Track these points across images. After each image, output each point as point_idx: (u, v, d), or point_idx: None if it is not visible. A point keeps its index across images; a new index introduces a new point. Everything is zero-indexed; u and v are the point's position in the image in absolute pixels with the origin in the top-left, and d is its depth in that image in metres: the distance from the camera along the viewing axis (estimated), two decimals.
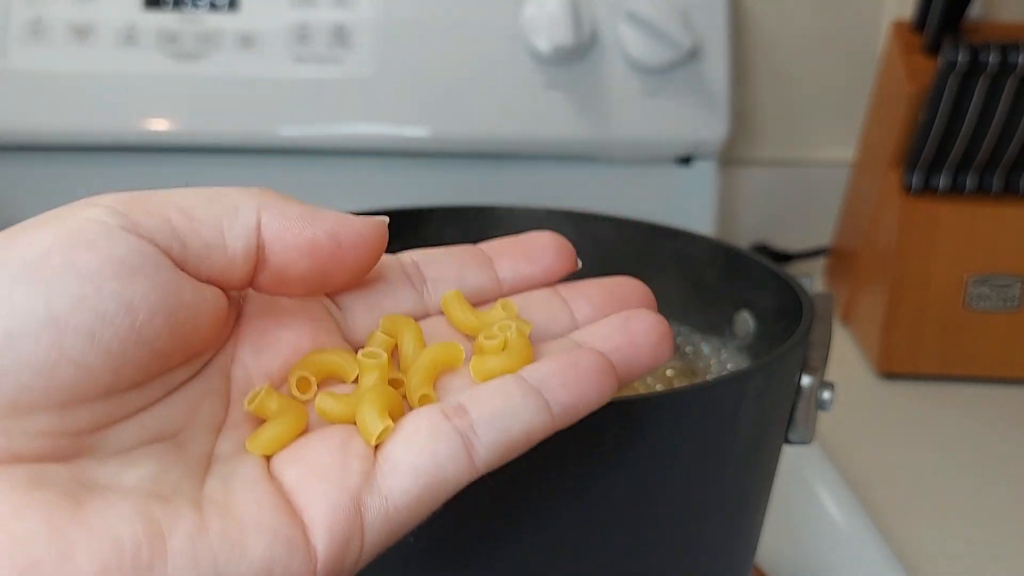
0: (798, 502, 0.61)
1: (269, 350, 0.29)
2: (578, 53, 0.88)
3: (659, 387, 0.47)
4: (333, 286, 0.30)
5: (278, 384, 0.29)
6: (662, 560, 0.37)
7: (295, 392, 0.28)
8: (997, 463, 0.69)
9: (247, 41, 0.87)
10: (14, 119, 0.85)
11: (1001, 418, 0.76)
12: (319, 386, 0.29)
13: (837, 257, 0.96)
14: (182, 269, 0.26)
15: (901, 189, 0.80)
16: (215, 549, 0.24)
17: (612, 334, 0.31)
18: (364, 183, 0.92)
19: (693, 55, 0.90)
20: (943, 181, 0.80)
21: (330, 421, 0.28)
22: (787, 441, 0.41)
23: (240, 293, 0.30)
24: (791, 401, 0.40)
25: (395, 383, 0.29)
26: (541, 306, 0.33)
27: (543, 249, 0.35)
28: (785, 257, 1.01)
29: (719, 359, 0.48)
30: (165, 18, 0.86)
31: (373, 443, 0.27)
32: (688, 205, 0.95)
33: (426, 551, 0.35)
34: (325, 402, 0.28)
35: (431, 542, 0.35)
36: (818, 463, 0.64)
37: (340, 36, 0.88)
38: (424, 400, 0.28)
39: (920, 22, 0.83)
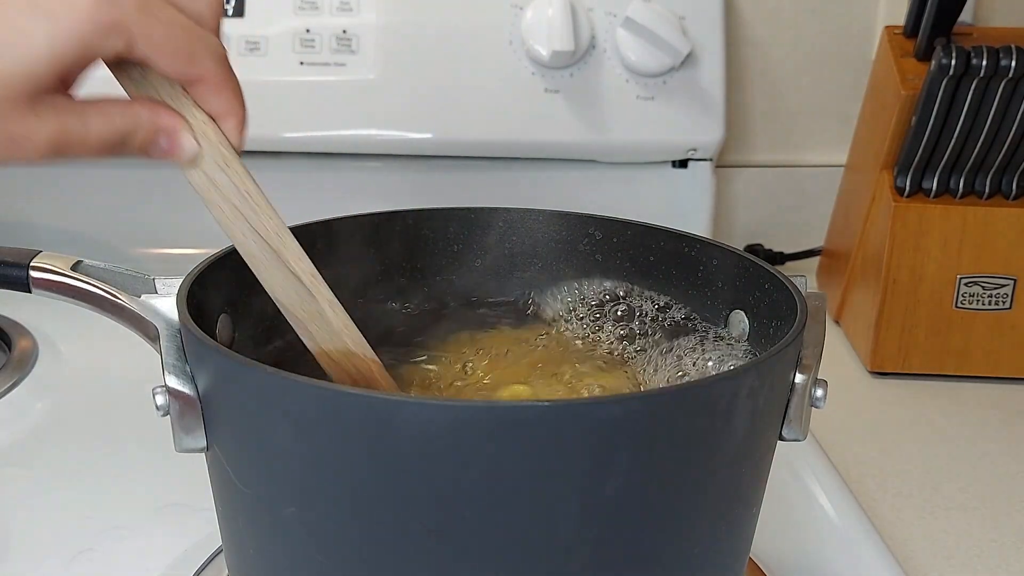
0: (792, 497, 0.61)
1: None
2: (577, 58, 0.89)
3: (659, 384, 0.47)
4: None
5: None
6: (658, 555, 0.38)
7: None
8: (986, 459, 0.70)
9: (253, 46, 0.88)
10: None
11: (990, 415, 0.77)
12: None
13: (830, 258, 0.97)
14: None
15: (893, 191, 0.82)
16: None
17: None
18: (367, 185, 0.93)
19: (689, 61, 0.91)
20: (934, 183, 0.81)
21: None
22: (781, 438, 0.42)
23: None
24: (785, 399, 0.41)
25: None
26: None
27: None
28: (779, 258, 1.02)
29: (714, 357, 0.49)
30: None
31: None
32: (684, 207, 0.96)
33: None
34: None
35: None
36: (812, 459, 0.65)
37: (344, 41, 0.89)
38: None
39: (912, 28, 0.84)
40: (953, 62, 0.74)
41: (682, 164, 0.96)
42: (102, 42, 0.35)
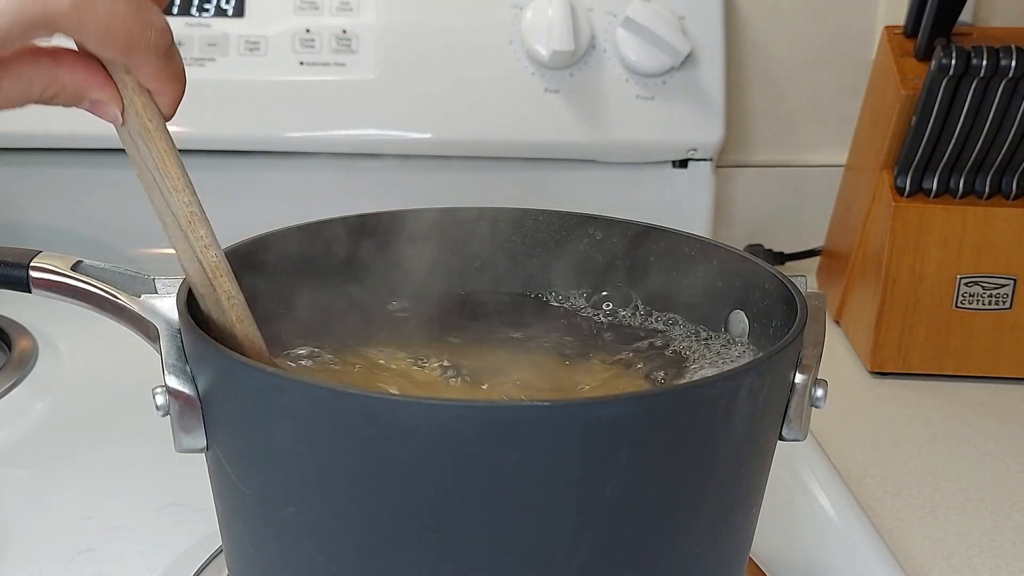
0: (792, 497, 0.62)
1: None
2: (577, 58, 0.89)
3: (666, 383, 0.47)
4: None
5: None
6: (658, 555, 0.38)
7: None
8: (986, 459, 0.70)
9: (253, 46, 0.88)
10: (19, 121, 0.86)
11: (990, 415, 0.77)
12: None
13: (830, 257, 0.97)
14: None
15: (893, 191, 0.82)
16: None
17: None
18: (367, 184, 0.93)
19: (689, 61, 0.91)
20: (934, 183, 0.81)
21: None
22: (781, 438, 0.42)
23: None
24: (785, 399, 0.41)
25: None
26: None
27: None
28: (779, 258, 1.02)
29: (714, 357, 0.49)
30: (172, 24, 0.87)
31: None
32: (684, 207, 0.96)
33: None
34: None
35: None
36: (812, 459, 0.65)
37: (344, 41, 0.89)
38: None
39: (912, 28, 0.84)
40: (953, 62, 0.74)
41: (682, 164, 0.96)
42: (26, 34, 0.34)
